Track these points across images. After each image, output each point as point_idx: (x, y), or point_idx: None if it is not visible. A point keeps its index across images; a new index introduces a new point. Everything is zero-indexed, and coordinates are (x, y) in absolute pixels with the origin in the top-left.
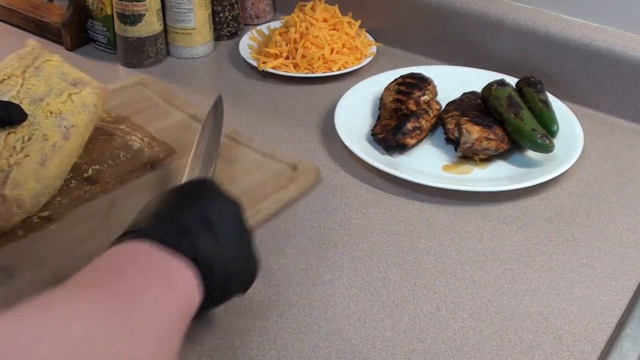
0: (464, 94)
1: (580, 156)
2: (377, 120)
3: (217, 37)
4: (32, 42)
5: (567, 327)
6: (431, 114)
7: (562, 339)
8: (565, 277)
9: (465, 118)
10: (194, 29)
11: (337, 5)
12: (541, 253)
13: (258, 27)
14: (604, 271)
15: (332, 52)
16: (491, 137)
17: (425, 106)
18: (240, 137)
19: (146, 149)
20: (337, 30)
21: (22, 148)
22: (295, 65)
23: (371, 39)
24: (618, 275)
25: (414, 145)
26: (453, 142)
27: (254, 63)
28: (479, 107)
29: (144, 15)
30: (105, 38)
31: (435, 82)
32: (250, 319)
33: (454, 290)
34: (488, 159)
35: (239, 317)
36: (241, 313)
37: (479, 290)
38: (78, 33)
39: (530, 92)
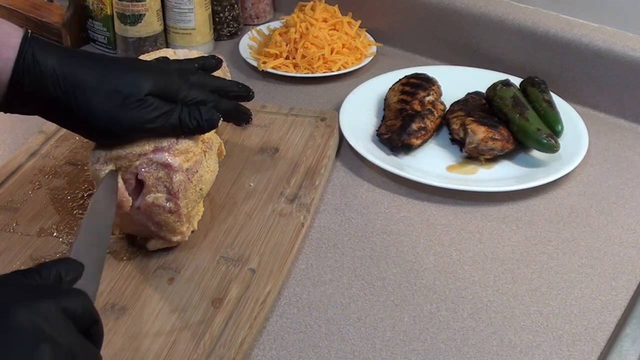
0: (468, 94)
1: None
2: (382, 120)
3: (217, 37)
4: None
5: (567, 327)
6: (436, 114)
7: (562, 339)
8: (565, 277)
9: (471, 118)
10: (194, 29)
11: (337, 5)
12: (541, 253)
13: (258, 27)
14: (604, 271)
15: (332, 52)
16: (496, 137)
17: (430, 106)
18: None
19: None
20: (337, 30)
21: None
22: (295, 65)
23: (371, 39)
24: (618, 275)
25: (419, 146)
26: (458, 142)
27: (254, 63)
28: (483, 107)
29: (144, 15)
30: (105, 38)
31: (439, 82)
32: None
33: (454, 290)
34: (493, 159)
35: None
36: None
37: (479, 290)
38: (78, 33)
39: (534, 92)
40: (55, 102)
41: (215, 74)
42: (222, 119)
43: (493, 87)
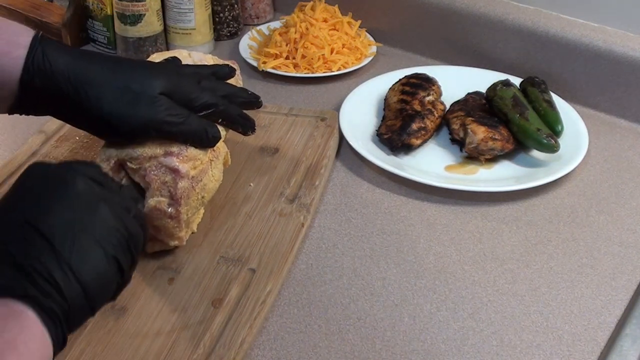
0: (468, 94)
1: None
2: (382, 120)
3: (217, 37)
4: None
5: (567, 327)
6: (436, 114)
7: (562, 339)
8: (565, 277)
9: (471, 118)
10: (194, 29)
11: (337, 5)
12: (541, 253)
13: (258, 27)
14: (604, 271)
15: (332, 52)
16: (496, 137)
17: (429, 106)
18: None
19: None
20: (337, 30)
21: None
22: (295, 65)
23: (371, 39)
24: (618, 275)
25: (419, 146)
26: (458, 142)
27: (254, 63)
28: (483, 107)
29: (144, 15)
30: (105, 38)
31: (439, 82)
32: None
33: (454, 290)
34: (493, 159)
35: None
36: None
37: (479, 290)
38: (78, 33)
39: (534, 92)
40: (66, 99)
41: (229, 82)
42: (227, 126)
43: (493, 87)
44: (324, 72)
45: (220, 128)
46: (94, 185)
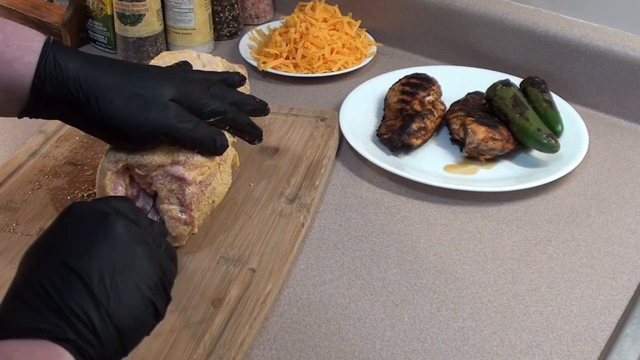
0: (469, 94)
1: None
2: (382, 120)
3: (217, 37)
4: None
5: (567, 327)
6: (436, 114)
7: (562, 339)
8: (565, 277)
9: (471, 118)
10: (194, 29)
11: (337, 5)
12: (541, 253)
13: (258, 27)
14: (604, 271)
15: (332, 52)
16: (497, 137)
17: (430, 106)
18: None
19: None
20: (337, 30)
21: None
22: (295, 65)
23: (371, 39)
24: (618, 275)
25: (419, 146)
26: (458, 142)
27: (254, 63)
28: (483, 107)
29: (144, 15)
30: (105, 38)
31: (439, 82)
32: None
33: (454, 290)
34: (493, 159)
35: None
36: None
37: (479, 290)
38: (78, 33)
39: (534, 92)
40: (76, 105)
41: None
42: (235, 134)
43: (493, 87)
44: (324, 72)
45: (228, 134)
46: (132, 226)
